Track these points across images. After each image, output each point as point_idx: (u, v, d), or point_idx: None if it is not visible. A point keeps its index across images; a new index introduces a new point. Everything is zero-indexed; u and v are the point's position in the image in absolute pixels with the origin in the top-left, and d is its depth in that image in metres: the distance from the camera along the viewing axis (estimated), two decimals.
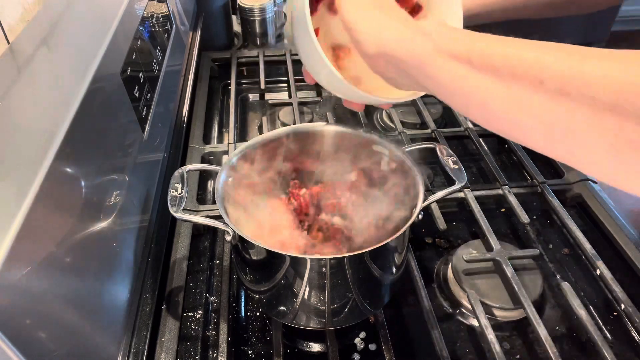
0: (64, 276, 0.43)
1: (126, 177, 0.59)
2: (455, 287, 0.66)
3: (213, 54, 1.16)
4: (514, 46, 0.34)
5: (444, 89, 0.39)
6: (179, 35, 0.97)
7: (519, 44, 0.34)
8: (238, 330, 0.63)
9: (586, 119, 0.29)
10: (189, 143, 0.88)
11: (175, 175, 0.58)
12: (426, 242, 0.75)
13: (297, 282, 0.53)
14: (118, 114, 0.60)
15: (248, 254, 0.55)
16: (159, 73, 0.78)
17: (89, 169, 0.50)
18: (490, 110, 0.35)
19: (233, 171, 0.61)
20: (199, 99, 1.01)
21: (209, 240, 0.75)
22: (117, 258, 0.54)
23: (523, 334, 0.63)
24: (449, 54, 0.37)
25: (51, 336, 0.40)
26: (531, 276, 0.66)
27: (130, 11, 0.71)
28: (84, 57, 0.57)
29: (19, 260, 0.36)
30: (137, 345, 0.55)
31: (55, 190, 0.42)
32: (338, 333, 0.61)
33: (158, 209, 0.69)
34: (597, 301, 0.66)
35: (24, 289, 0.37)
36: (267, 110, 1.04)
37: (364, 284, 0.55)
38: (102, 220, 0.51)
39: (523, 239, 0.76)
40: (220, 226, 0.53)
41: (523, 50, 0.33)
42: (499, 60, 0.33)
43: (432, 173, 0.86)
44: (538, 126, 0.32)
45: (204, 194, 0.83)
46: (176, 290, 0.65)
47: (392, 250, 0.55)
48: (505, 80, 0.33)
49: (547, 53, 0.32)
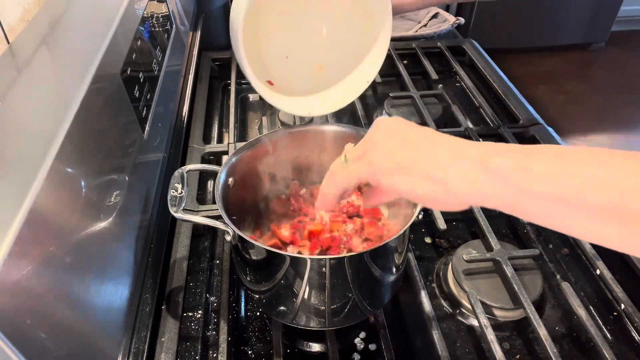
0: (64, 276, 0.42)
1: (126, 177, 0.59)
2: (455, 287, 0.66)
3: (213, 54, 1.16)
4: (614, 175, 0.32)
5: (546, 223, 0.36)
6: (179, 35, 0.97)
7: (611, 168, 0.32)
8: (238, 330, 0.63)
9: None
10: (189, 143, 0.88)
11: (175, 175, 0.58)
12: (426, 242, 0.75)
13: (297, 282, 0.53)
14: (118, 114, 0.60)
15: (248, 254, 0.55)
16: (159, 73, 0.78)
17: (89, 169, 0.50)
18: (602, 240, 0.34)
19: (233, 171, 0.61)
20: (199, 99, 1.01)
21: (209, 240, 0.75)
22: (117, 258, 0.54)
23: (523, 334, 0.63)
24: (538, 196, 0.34)
25: (51, 336, 0.40)
26: (531, 276, 0.66)
27: (130, 11, 0.71)
28: (84, 57, 0.57)
29: (19, 260, 0.36)
30: (137, 345, 0.55)
31: (55, 190, 0.42)
32: (338, 333, 0.61)
33: (158, 209, 0.69)
34: (597, 301, 0.66)
35: (24, 289, 0.37)
36: (267, 110, 1.04)
37: (364, 284, 0.55)
38: (102, 220, 0.51)
39: (523, 239, 0.76)
40: (220, 226, 0.53)
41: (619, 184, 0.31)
42: (602, 201, 0.32)
43: None
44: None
45: (204, 194, 0.83)
46: (176, 290, 0.65)
47: (392, 250, 0.55)
48: (614, 218, 0.32)
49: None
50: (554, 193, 0.33)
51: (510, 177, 0.35)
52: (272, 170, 0.67)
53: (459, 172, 0.38)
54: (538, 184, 0.34)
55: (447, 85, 1.12)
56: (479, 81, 1.12)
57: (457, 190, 0.38)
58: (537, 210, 0.35)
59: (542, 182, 0.34)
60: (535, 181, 0.34)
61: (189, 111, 0.96)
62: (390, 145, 0.42)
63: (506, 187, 0.35)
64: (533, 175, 0.34)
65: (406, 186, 0.41)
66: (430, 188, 0.39)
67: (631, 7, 3.13)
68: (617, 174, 0.31)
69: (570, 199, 0.33)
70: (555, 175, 0.33)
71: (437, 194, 0.39)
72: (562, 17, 2.87)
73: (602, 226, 0.32)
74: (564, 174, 0.33)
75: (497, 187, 0.36)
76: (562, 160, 0.34)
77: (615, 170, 0.32)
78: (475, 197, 0.38)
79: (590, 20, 2.93)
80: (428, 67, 1.12)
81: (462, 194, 0.38)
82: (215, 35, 1.21)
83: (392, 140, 0.42)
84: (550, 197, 0.33)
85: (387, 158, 0.42)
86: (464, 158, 0.38)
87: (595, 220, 0.32)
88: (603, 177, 0.32)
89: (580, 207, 0.32)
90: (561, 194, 0.33)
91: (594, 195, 0.32)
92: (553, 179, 0.33)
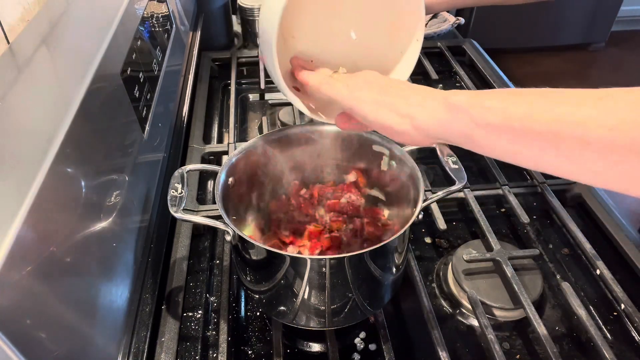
0: (64, 276, 0.42)
1: (126, 177, 0.59)
2: (455, 287, 0.66)
3: (213, 54, 1.16)
4: (551, 106, 0.35)
5: (495, 154, 0.40)
6: (179, 35, 0.97)
7: (552, 101, 0.35)
8: (238, 330, 0.63)
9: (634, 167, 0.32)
10: (189, 143, 0.88)
11: (175, 175, 0.58)
12: (426, 242, 0.75)
13: (297, 282, 0.53)
14: (118, 114, 0.60)
15: (248, 254, 0.55)
16: (159, 73, 0.78)
17: (89, 169, 0.50)
18: (541, 166, 0.38)
19: (233, 171, 0.61)
20: (199, 99, 1.01)
21: (209, 240, 0.75)
22: (117, 258, 0.54)
23: (523, 334, 0.63)
24: (490, 127, 0.38)
25: (51, 336, 0.40)
26: (531, 276, 0.66)
27: (130, 11, 0.71)
28: (84, 57, 0.57)
29: (19, 260, 0.36)
30: (137, 345, 0.55)
31: (55, 190, 0.42)
32: (338, 333, 0.61)
33: (158, 209, 0.69)
34: (597, 301, 0.66)
35: (24, 289, 0.37)
36: (267, 110, 1.04)
37: (364, 284, 0.55)
38: (102, 220, 0.51)
39: (523, 239, 0.76)
40: (220, 226, 0.53)
41: (563, 111, 0.34)
42: (541, 126, 0.35)
43: (432, 173, 0.86)
44: (588, 173, 0.35)
45: (204, 194, 0.83)
46: (176, 290, 0.65)
47: (392, 250, 0.55)
48: (553, 144, 0.35)
49: (585, 109, 0.33)
50: (502, 122, 0.37)
51: (467, 110, 0.40)
52: (272, 170, 0.67)
53: (425, 109, 0.43)
54: (490, 115, 0.38)
55: (447, 85, 1.12)
56: (479, 81, 1.12)
57: (422, 124, 0.43)
58: (489, 141, 0.39)
59: (494, 113, 0.38)
60: (488, 113, 0.38)
61: (189, 111, 0.96)
62: (373, 85, 0.48)
63: (463, 120, 0.40)
64: (487, 107, 0.38)
65: (376, 117, 0.47)
66: (398, 120, 0.45)
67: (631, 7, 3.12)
68: (563, 104, 0.34)
69: (515, 126, 0.37)
70: (506, 108, 0.37)
71: (404, 125, 0.45)
72: (562, 17, 2.87)
73: (543, 152, 0.36)
74: (513, 107, 0.37)
75: (456, 120, 0.41)
76: (515, 97, 0.38)
77: (560, 100, 0.35)
78: (438, 130, 0.43)
79: (590, 20, 2.93)
80: (428, 67, 1.12)
81: (426, 128, 0.43)
82: (215, 35, 1.21)
83: (376, 79, 0.49)
84: (500, 126, 0.38)
85: (367, 93, 0.48)
86: (431, 98, 0.44)
87: (537, 146, 0.36)
88: (545, 107, 0.35)
89: (524, 134, 0.36)
90: (508, 122, 0.37)
91: (535, 122, 0.35)
92: (503, 110, 0.37)
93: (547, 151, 0.35)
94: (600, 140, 0.32)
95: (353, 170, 0.68)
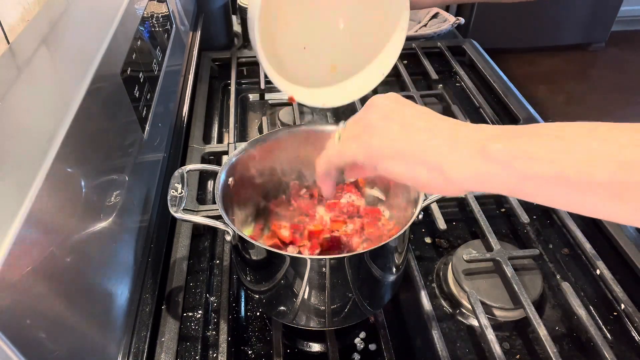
0: (64, 276, 0.42)
1: (126, 177, 0.59)
2: (455, 287, 0.66)
3: (213, 54, 1.16)
4: (613, 151, 0.32)
5: (549, 204, 0.37)
6: (179, 35, 0.97)
7: (612, 144, 0.32)
8: (238, 330, 0.63)
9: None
10: (189, 143, 0.88)
11: (175, 175, 0.58)
12: (426, 242, 0.75)
13: (297, 282, 0.53)
14: (118, 114, 0.60)
15: (248, 254, 0.55)
16: (159, 73, 0.78)
17: (89, 169, 0.50)
18: (606, 216, 0.34)
19: (233, 171, 0.61)
20: (199, 99, 1.01)
21: (209, 240, 0.75)
22: (117, 258, 0.54)
23: (523, 334, 0.63)
24: (541, 180, 0.34)
25: (51, 336, 0.40)
26: (531, 276, 0.66)
27: (130, 11, 0.71)
28: (84, 57, 0.57)
29: (19, 260, 0.36)
30: (137, 345, 0.55)
31: (55, 190, 0.42)
32: (338, 333, 0.61)
33: (158, 209, 0.69)
34: (597, 301, 0.66)
35: (24, 289, 0.37)
36: (267, 110, 1.04)
37: (364, 284, 0.55)
38: (102, 220, 0.51)
39: (523, 239, 0.76)
40: (220, 226, 0.53)
41: (629, 157, 0.31)
42: (603, 176, 0.32)
43: None
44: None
45: (204, 194, 0.83)
46: (176, 290, 0.65)
47: (392, 250, 0.55)
48: (617, 194, 0.32)
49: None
50: (555, 174, 0.33)
51: (510, 162, 0.35)
52: (272, 171, 0.67)
53: (456, 159, 0.38)
54: (539, 167, 0.34)
55: (447, 85, 1.12)
56: (479, 81, 1.12)
57: (455, 176, 0.38)
58: (539, 192, 0.35)
59: (543, 164, 0.34)
60: (536, 164, 0.34)
61: (189, 111, 0.96)
62: (388, 129, 0.42)
63: (506, 172, 0.35)
64: (533, 158, 0.34)
65: (403, 172, 0.41)
66: (427, 175, 0.40)
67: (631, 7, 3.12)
68: (616, 148, 0.31)
69: (572, 177, 0.33)
70: (556, 157, 0.33)
71: (434, 180, 0.40)
72: (562, 17, 2.87)
73: (606, 202, 0.32)
74: (564, 154, 0.33)
75: (497, 172, 0.36)
76: (561, 141, 0.34)
77: (614, 144, 0.32)
78: (473, 183, 0.38)
79: (590, 20, 2.93)
80: (428, 67, 1.12)
81: (459, 180, 0.38)
82: (215, 35, 1.21)
83: (390, 124, 0.42)
84: (551, 178, 0.34)
85: (386, 144, 0.42)
86: (462, 145, 0.38)
87: (599, 196, 0.32)
88: (602, 153, 0.32)
89: (582, 185, 0.33)
90: (562, 174, 0.33)
91: (594, 172, 0.32)
92: (553, 160, 0.33)
93: (612, 201, 0.32)
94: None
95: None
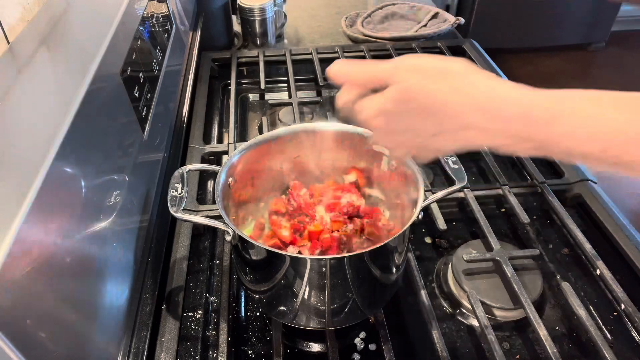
0: (64, 276, 0.43)
1: (126, 177, 0.59)
2: (455, 287, 0.66)
3: (213, 54, 1.16)
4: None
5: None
6: (179, 35, 0.97)
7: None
8: (238, 330, 0.63)
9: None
10: (189, 143, 0.88)
11: (175, 175, 0.58)
12: (426, 242, 0.75)
13: (297, 282, 0.53)
14: (118, 114, 0.60)
15: (248, 254, 0.55)
16: (159, 73, 0.78)
17: (89, 169, 0.50)
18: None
19: (233, 171, 0.61)
20: (199, 99, 1.01)
21: (209, 240, 0.75)
22: (117, 258, 0.54)
23: (523, 334, 0.63)
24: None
25: (51, 336, 0.40)
26: (531, 276, 0.66)
27: (130, 11, 0.71)
28: (84, 57, 0.57)
29: (19, 260, 0.36)
30: (137, 345, 0.55)
31: (55, 190, 0.42)
32: (338, 333, 0.61)
33: (158, 209, 0.69)
34: (597, 301, 0.66)
35: (24, 289, 0.37)
36: (267, 110, 1.04)
37: (364, 284, 0.55)
38: (102, 220, 0.51)
39: (523, 239, 0.76)
40: (220, 226, 0.53)
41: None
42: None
43: (432, 173, 0.86)
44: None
45: (204, 194, 0.83)
46: (176, 290, 0.65)
47: (392, 250, 0.55)
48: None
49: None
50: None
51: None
52: (272, 170, 0.67)
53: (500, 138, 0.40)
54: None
55: None
56: None
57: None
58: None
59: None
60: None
61: (189, 111, 0.96)
62: (424, 122, 0.42)
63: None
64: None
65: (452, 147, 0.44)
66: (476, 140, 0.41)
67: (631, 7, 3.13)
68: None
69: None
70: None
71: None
72: (562, 17, 2.87)
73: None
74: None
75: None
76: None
77: None
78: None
79: (590, 20, 2.93)
80: None
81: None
82: (215, 35, 1.21)
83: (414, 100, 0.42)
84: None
85: (421, 138, 0.44)
86: (502, 126, 0.39)
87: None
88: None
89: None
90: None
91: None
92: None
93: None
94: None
95: (353, 170, 0.68)
